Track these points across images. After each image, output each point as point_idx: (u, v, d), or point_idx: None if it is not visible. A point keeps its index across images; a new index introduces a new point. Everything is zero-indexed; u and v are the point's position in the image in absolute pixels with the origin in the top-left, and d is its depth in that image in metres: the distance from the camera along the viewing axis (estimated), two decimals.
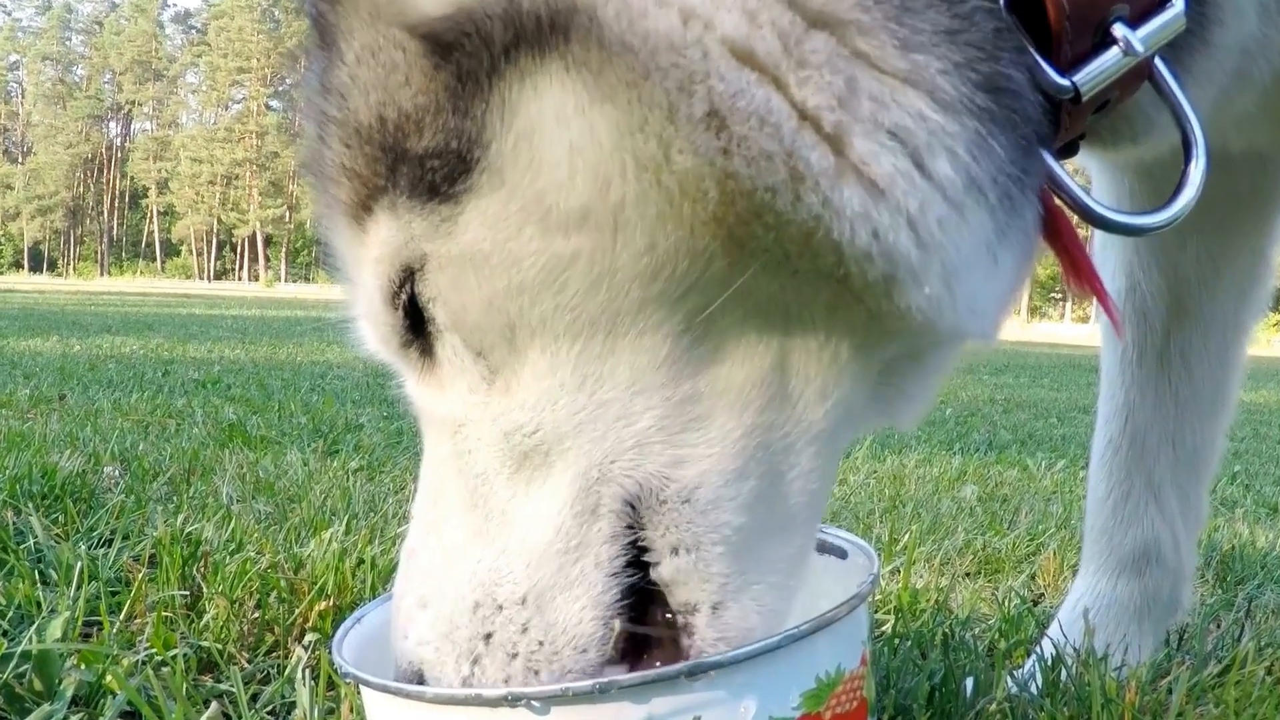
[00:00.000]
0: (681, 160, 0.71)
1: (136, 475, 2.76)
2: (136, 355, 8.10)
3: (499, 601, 0.83)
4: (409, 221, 0.78)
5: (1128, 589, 1.56)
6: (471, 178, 0.75)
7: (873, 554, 1.08)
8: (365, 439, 3.87)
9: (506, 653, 0.83)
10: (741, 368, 0.79)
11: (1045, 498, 3.55)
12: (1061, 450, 5.03)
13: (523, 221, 0.74)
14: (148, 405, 4.59)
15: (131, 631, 1.55)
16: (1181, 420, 1.53)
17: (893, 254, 0.72)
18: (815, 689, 0.86)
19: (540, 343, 0.78)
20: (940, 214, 0.73)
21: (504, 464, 0.83)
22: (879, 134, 0.71)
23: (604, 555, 0.82)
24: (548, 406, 0.80)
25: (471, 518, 0.85)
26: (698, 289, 0.76)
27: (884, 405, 0.88)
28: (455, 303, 0.79)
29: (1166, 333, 1.51)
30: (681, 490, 0.80)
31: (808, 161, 0.70)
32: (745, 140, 0.70)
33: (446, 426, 0.86)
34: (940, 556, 2.47)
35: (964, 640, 1.66)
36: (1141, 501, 1.55)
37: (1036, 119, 0.78)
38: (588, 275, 0.75)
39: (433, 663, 0.86)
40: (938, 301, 0.74)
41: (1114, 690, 1.35)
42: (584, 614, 0.82)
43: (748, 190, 0.71)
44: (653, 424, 0.79)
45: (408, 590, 0.89)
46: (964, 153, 0.73)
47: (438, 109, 0.75)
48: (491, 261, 0.76)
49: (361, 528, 2.18)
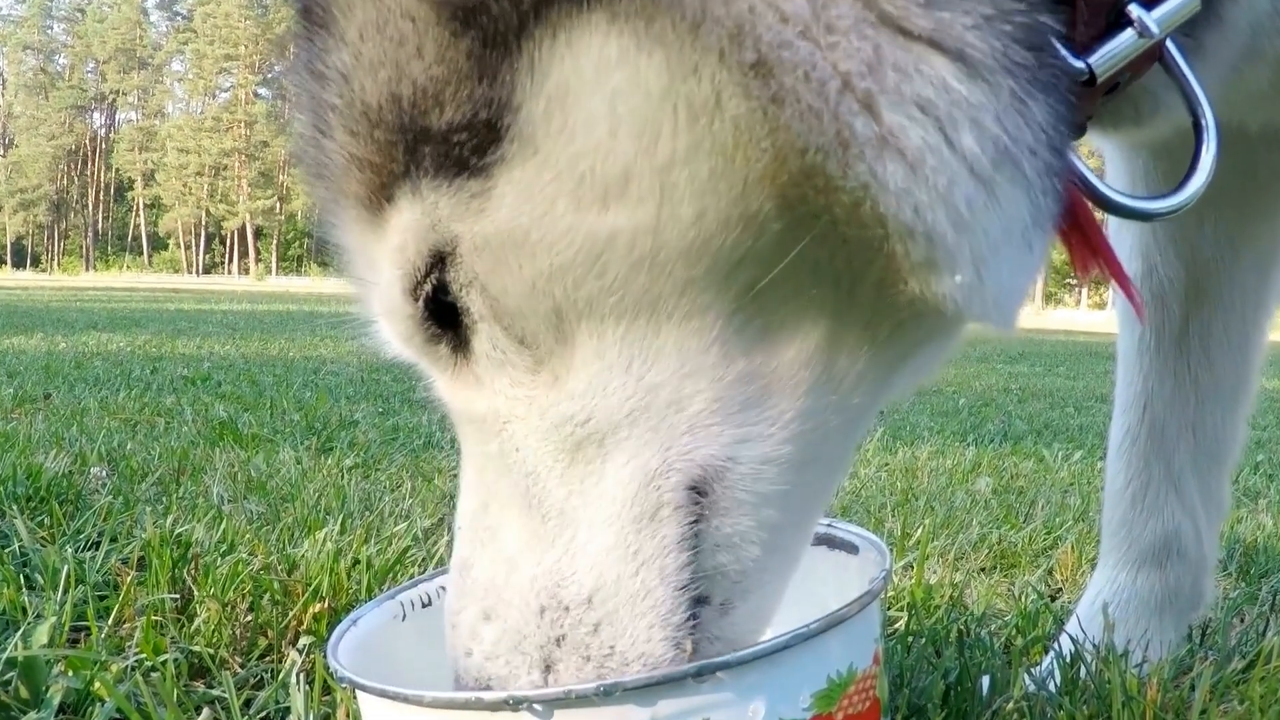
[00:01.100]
0: (734, 105, 0.69)
1: (124, 476, 2.76)
2: (124, 352, 8.10)
3: (565, 603, 0.82)
4: (435, 203, 0.76)
5: (1148, 582, 1.56)
6: (502, 147, 0.73)
7: (885, 549, 1.08)
8: (360, 436, 3.87)
9: (581, 655, 0.81)
10: (790, 346, 0.78)
11: (1062, 489, 3.54)
12: (1079, 440, 5.03)
13: (556, 193, 0.72)
14: (135, 404, 4.59)
15: (120, 636, 1.55)
16: (1201, 407, 1.53)
17: (933, 234, 0.71)
18: (827, 689, 0.86)
19: (587, 327, 0.77)
20: (968, 193, 0.70)
21: (557, 459, 0.81)
22: (906, 105, 0.69)
23: (670, 566, 0.80)
24: (599, 394, 0.78)
25: (528, 520, 0.83)
26: (749, 262, 0.74)
27: (907, 381, 0.88)
28: (496, 287, 0.77)
29: (1185, 317, 1.50)
30: (744, 478, 0.80)
31: (853, 128, 0.69)
32: (794, 92, 0.68)
33: (489, 426, 0.84)
34: (954, 551, 2.47)
35: (979, 637, 1.65)
36: (1161, 492, 1.54)
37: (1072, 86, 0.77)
38: (629, 254, 0.73)
39: (504, 677, 0.84)
40: (968, 290, 0.73)
41: (1135, 687, 1.35)
42: (652, 633, 0.80)
43: (800, 148, 0.69)
44: (704, 406, 0.78)
45: (467, 605, 0.87)
46: (992, 122, 0.70)
47: (460, 78, 0.73)
48: (531, 238, 0.74)
49: (357, 527, 2.18)
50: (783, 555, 0.85)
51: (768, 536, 0.82)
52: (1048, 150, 0.73)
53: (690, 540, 0.80)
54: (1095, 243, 0.87)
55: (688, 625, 0.81)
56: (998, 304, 0.75)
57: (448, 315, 0.81)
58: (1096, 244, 0.87)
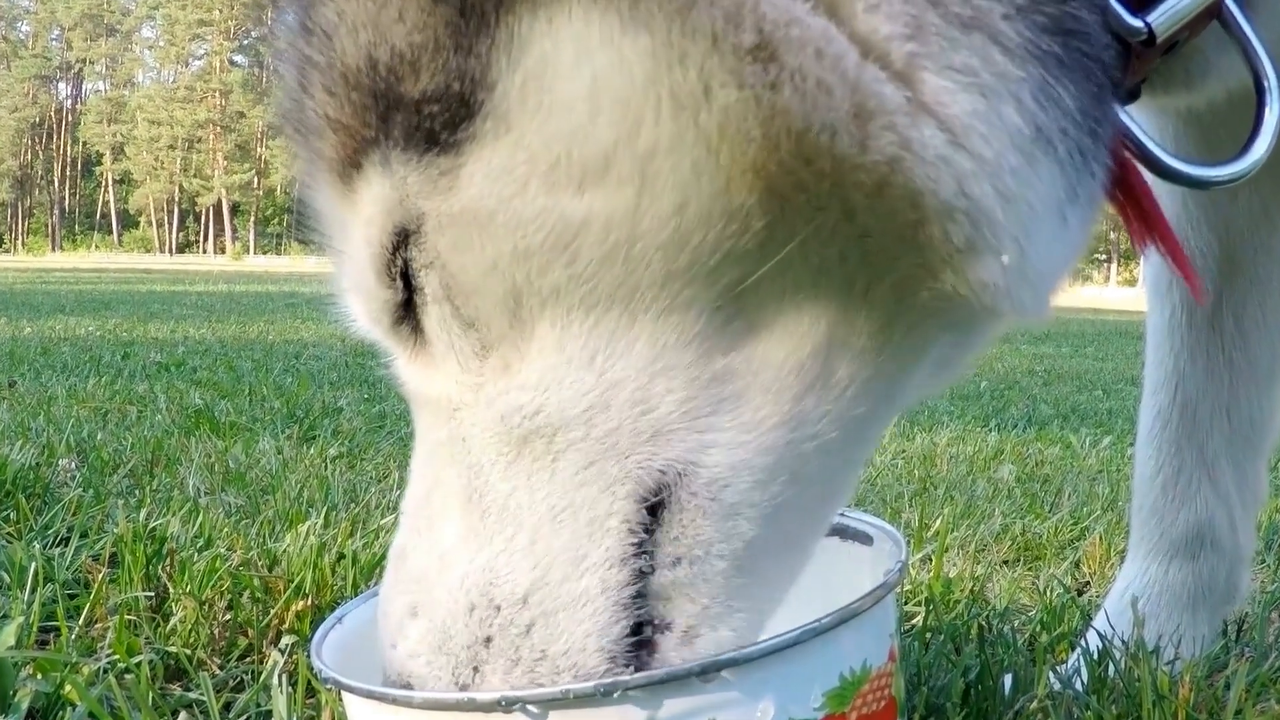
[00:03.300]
0: (724, 95, 0.69)
1: (95, 467, 2.77)
2: (93, 337, 8.11)
3: (496, 602, 0.81)
4: (404, 177, 0.76)
5: (1180, 575, 1.56)
6: (474, 124, 0.73)
7: (901, 540, 1.08)
8: (345, 424, 3.88)
9: (509, 658, 0.81)
10: (781, 346, 0.77)
11: (1090, 477, 3.55)
12: (1107, 425, 5.03)
13: (529, 175, 0.73)
14: (106, 391, 4.60)
15: (92, 637, 1.56)
16: (1236, 389, 1.53)
17: (978, 210, 0.70)
18: (839, 687, 0.86)
19: (551, 316, 0.77)
20: (1014, 164, 0.71)
21: (501, 452, 0.81)
22: (952, 72, 0.69)
23: (614, 576, 0.80)
24: (553, 386, 0.78)
25: (467, 515, 0.83)
26: (734, 259, 0.74)
27: (927, 384, 0.87)
28: (455, 265, 0.77)
29: (1218, 293, 1.50)
30: (710, 484, 0.78)
31: (880, 96, 0.68)
32: (799, 71, 0.68)
33: (440, 411, 0.85)
34: (975, 543, 2.47)
35: (1002, 633, 1.66)
36: (1194, 479, 1.54)
37: (1109, 64, 0.77)
38: (603, 242, 0.73)
39: (423, 677, 0.84)
40: (1013, 274, 0.72)
41: (1166, 686, 1.35)
42: (588, 642, 0.80)
43: (799, 129, 0.69)
44: (675, 408, 0.77)
45: (396, 595, 0.88)
46: (1030, 100, 0.71)
47: (437, 47, 0.73)
48: (498, 220, 0.74)
49: (342, 520, 2.18)
50: (761, 581, 0.83)
51: (740, 554, 0.80)
52: (1080, 132, 0.74)
53: (641, 549, 0.80)
54: (1149, 213, 0.86)
55: (626, 640, 0.80)
56: (1036, 288, 0.75)
57: (414, 294, 0.81)
58: (1150, 214, 0.87)
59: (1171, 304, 1.53)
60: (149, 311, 11.90)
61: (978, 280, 0.73)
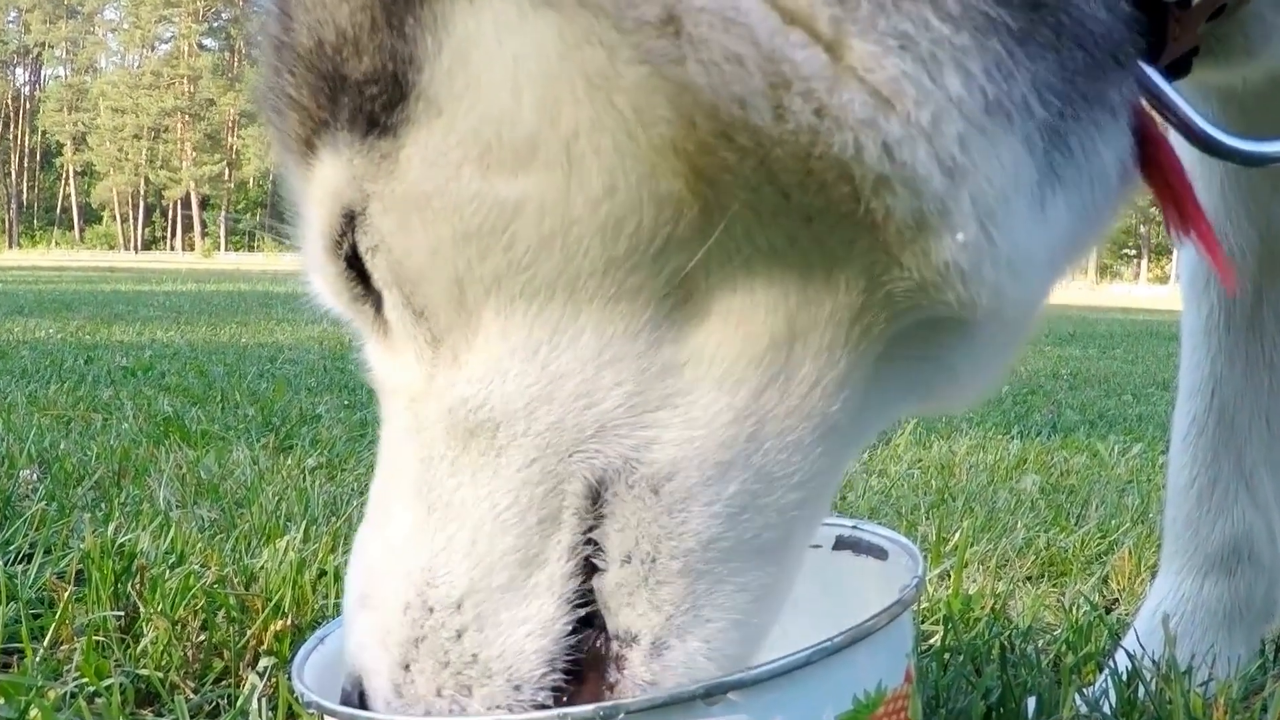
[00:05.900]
0: (630, 73, 0.70)
1: (58, 479, 2.77)
2: (54, 340, 8.10)
3: (429, 603, 0.84)
4: (350, 159, 0.80)
5: (1216, 591, 1.57)
6: (408, 106, 0.76)
7: (917, 554, 1.08)
8: (324, 432, 3.88)
9: (438, 660, 0.84)
10: (736, 337, 0.78)
11: (1119, 488, 3.55)
12: (1137, 433, 5.03)
13: (461, 158, 0.75)
14: (69, 398, 4.59)
15: (58, 659, 1.56)
16: (1276, 393, 1.53)
17: (913, 176, 0.69)
18: (853, 710, 0.87)
19: (495, 305, 0.79)
20: (960, 130, 0.70)
21: (449, 446, 0.83)
22: (881, 36, 0.69)
23: (558, 574, 0.82)
24: (496, 378, 0.80)
25: (416, 508, 0.86)
26: (675, 246, 0.75)
27: (926, 390, 0.87)
28: (398, 249, 0.80)
29: (1258, 291, 1.50)
30: (652, 477, 0.79)
31: (794, 64, 0.68)
32: (705, 43, 0.68)
33: (400, 399, 0.88)
34: (997, 557, 2.48)
35: (1025, 653, 1.66)
36: (1231, 489, 1.55)
37: (1114, 36, 0.76)
38: (538, 226, 0.75)
39: (371, 670, 0.88)
40: (975, 252, 0.72)
41: (1200, 708, 1.36)
42: (527, 643, 0.82)
43: (709, 105, 0.69)
44: (620, 402, 0.78)
45: (352, 584, 0.92)
46: (980, 71, 0.70)
47: (374, 26, 0.76)
48: (435, 204, 0.77)
49: (322, 534, 2.18)
50: (734, 589, 0.83)
51: (698, 556, 0.81)
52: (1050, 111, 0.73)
53: (586, 545, 0.81)
54: (1182, 199, 0.86)
55: (566, 641, 0.82)
56: (1013, 269, 0.74)
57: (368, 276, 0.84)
58: (1183, 200, 0.86)
59: (1209, 302, 1.53)
60: (113, 312, 11.89)
61: (940, 261, 0.72)
